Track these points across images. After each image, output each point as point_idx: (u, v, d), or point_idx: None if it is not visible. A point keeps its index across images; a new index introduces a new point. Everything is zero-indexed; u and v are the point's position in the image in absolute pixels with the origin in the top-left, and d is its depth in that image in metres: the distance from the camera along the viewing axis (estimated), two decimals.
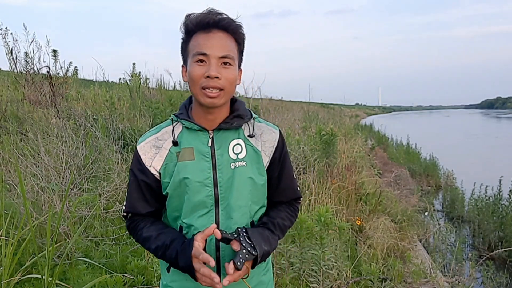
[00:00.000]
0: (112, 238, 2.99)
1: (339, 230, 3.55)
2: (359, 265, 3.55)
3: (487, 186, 6.57)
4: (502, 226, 5.81)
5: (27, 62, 5.71)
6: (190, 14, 1.18)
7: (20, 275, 2.02)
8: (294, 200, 1.37)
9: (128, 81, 7.29)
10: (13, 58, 5.68)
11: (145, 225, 1.25)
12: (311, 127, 8.14)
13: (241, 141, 1.24)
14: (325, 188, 4.67)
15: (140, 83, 6.99)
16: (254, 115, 1.29)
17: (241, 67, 1.25)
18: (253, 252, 1.12)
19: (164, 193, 1.23)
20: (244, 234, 1.15)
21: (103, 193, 3.35)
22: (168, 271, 1.28)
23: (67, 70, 6.26)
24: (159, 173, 1.22)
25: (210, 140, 1.21)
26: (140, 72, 7.34)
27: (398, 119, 59.02)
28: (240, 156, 1.22)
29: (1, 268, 1.94)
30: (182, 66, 1.24)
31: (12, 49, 5.62)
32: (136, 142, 1.31)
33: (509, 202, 5.93)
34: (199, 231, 1.16)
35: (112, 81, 8.37)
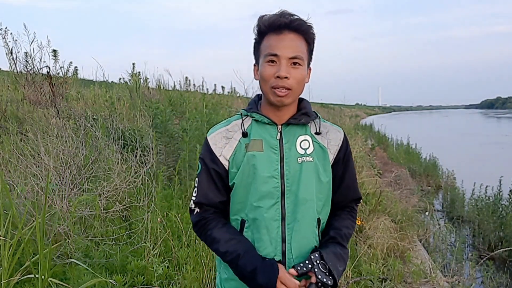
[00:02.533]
0: (112, 238, 2.99)
1: None
2: (359, 265, 3.55)
3: (487, 186, 6.57)
4: (502, 226, 5.81)
5: (27, 62, 5.70)
6: (263, 16, 1.23)
7: (19, 275, 2.02)
8: (355, 200, 1.40)
9: (128, 81, 7.29)
10: (13, 58, 5.68)
11: (216, 225, 1.27)
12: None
13: (308, 137, 1.28)
14: None
15: (140, 83, 6.99)
16: (319, 115, 1.36)
17: (310, 65, 1.30)
18: (329, 282, 1.15)
19: (230, 183, 1.27)
20: (319, 261, 1.17)
21: (103, 193, 3.35)
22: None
23: (67, 70, 6.26)
24: (228, 162, 1.26)
25: (278, 134, 1.26)
26: (140, 72, 7.34)
27: (397, 119, 59.08)
28: (308, 151, 1.27)
29: (1, 268, 1.94)
30: (254, 65, 1.30)
31: (12, 49, 5.61)
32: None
33: (509, 202, 5.93)
34: (266, 225, 1.22)
35: (112, 81, 8.38)
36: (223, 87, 10.79)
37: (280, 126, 1.27)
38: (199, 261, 2.82)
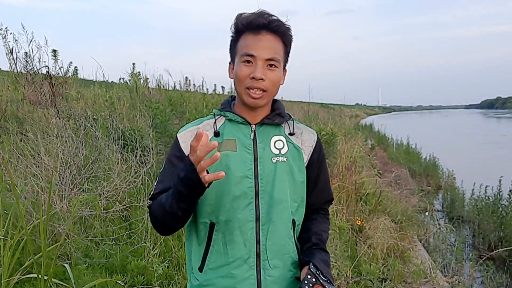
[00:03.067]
0: (112, 238, 2.99)
1: (339, 230, 3.55)
2: (359, 265, 3.55)
3: (486, 186, 6.58)
4: (502, 226, 5.81)
5: (27, 62, 5.70)
6: (241, 14, 1.21)
7: (19, 275, 2.03)
8: (327, 202, 1.41)
9: (128, 81, 7.29)
10: (13, 58, 5.67)
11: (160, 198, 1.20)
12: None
13: (282, 138, 1.27)
14: None
15: (140, 83, 6.99)
16: (293, 116, 1.35)
17: (286, 67, 1.29)
18: None
19: None
20: (318, 273, 1.17)
21: (103, 193, 3.35)
22: (201, 271, 1.23)
23: (67, 70, 6.26)
24: None
25: (252, 134, 1.24)
26: (140, 72, 7.33)
27: (397, 119, 59.13)
28: (282, 151, 1.25)
29: (1, 268, 1.94)
30: (230, 64, 1.27)
31: (12, 49, 5.61)
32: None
33: (509, 202, 5.94)
34: (239, 227, 1.19)
35: (112, 81, 8.37)
36: (223, 87, 10.77)
37: (254, 126, 1.25)
38: None
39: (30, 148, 3.59)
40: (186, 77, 9.13)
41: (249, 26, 1.19)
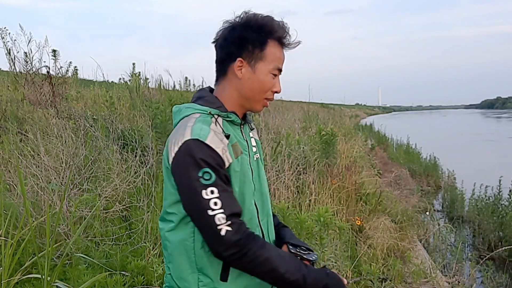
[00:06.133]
0: (112, 238, 2.99)
1: (339, 230, 3.54)
2: (359, 265, 3.55)
3: (487, 186, 6.58)
4: (502, 226, 5.81)
5: (27, 62, 5.70)
6: (272, 18, 1.20)
7: (20, 275, 2.02)
8: None
9: (128, 81, 7.29)
10: (11, 58, 5.67)
11: (259, 240, 1.10)
12: (311, 127, 8.14)
13: (253, 134, 1.30)
14: (325, 188, 4.67)
15: (140, 83, 6.98)
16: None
17: None
18: (316, 255, 1.24)
19: None
20: (298, 249, 1.23)
21: (103, 193, 3.35)
22: (225, 280, 1.14)
23: (67, 70, 6.26)
24: (229, 167, 1.13)
25: (241, 134, 1.24)
26: (140, 72, 7.33)
27: (397, 119, 59.20)
28: (255, 148, 1.29)
29: (1, 268, 1.94)
30: (240, 61, 1.18)
31: (10, 49, 5.60)
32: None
33: (509, 202, 5.94)
34: (251, 225, 1.17)
35: (112, 81, 8.37)
36: None
37: (241, 126, 1.24)
38: None
39: (30, 148, 3.59)
40: (186, 77, 9.13)
41: (280, 38, 1.21)
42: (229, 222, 1.05)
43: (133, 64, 7.27)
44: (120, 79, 8.04)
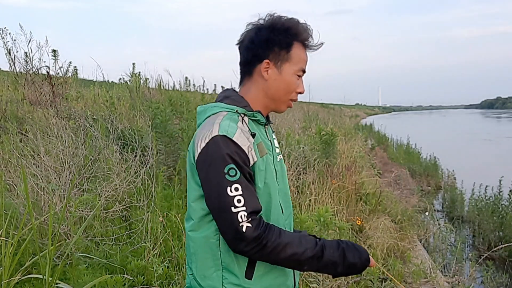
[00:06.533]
0: (112, 238, 2.99)
1: (339, 230, 3.54)
2: None
3: (486, 186, 6.58)
4: (502, 226, 5.82)
5: (27, 62, 5.70)
6: (297, 20, 1.23)
7: (20, 275, 2.02)
8: None
9: (128, 81, 7.28)
10: (11, 58, 5.67)
11: (276, 229, 1.13)
12: (311, 127, 8.14)
13: (274, 136, 1.34)
14: (325, 188, 4.67)
15: (140, 83, 6.99)
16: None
17: None
18: None
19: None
20: None
21: (103, 193, 3.34)
22: (250, 277, 1.15)
23: (67, 70, 6.26)
24: (254, 164, 1.15)
25: (266, 134, 1.27)
26: (140, 72, 7.34)
27: (397, 119, 59.24)
28: (279, 149, 1.32)
29: (1, 268, 1.94)
30: (267, 62, 1.21)
31: (10, 49, 5.60)
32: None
33: (509, 202, 5.94)
34: (283, 226, 1.21)
35: (112, 81, 8.37)
36: (223, 87, 10.78)
37: (266, 126, 1.28)
38: None
39: (30, 148, 3.59)
40: (186, 77, 9.14)
41: (304, 40, 1.23)
42: (250, 219, 1.07)
43: (133, 64, 7.27)
44: (120, 79, 8.05)
